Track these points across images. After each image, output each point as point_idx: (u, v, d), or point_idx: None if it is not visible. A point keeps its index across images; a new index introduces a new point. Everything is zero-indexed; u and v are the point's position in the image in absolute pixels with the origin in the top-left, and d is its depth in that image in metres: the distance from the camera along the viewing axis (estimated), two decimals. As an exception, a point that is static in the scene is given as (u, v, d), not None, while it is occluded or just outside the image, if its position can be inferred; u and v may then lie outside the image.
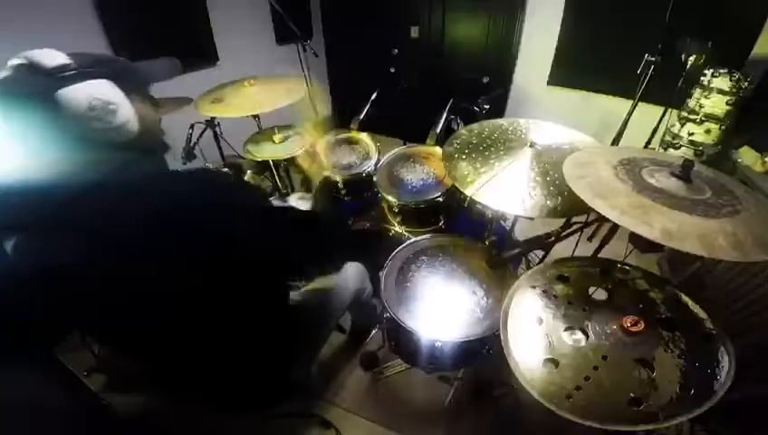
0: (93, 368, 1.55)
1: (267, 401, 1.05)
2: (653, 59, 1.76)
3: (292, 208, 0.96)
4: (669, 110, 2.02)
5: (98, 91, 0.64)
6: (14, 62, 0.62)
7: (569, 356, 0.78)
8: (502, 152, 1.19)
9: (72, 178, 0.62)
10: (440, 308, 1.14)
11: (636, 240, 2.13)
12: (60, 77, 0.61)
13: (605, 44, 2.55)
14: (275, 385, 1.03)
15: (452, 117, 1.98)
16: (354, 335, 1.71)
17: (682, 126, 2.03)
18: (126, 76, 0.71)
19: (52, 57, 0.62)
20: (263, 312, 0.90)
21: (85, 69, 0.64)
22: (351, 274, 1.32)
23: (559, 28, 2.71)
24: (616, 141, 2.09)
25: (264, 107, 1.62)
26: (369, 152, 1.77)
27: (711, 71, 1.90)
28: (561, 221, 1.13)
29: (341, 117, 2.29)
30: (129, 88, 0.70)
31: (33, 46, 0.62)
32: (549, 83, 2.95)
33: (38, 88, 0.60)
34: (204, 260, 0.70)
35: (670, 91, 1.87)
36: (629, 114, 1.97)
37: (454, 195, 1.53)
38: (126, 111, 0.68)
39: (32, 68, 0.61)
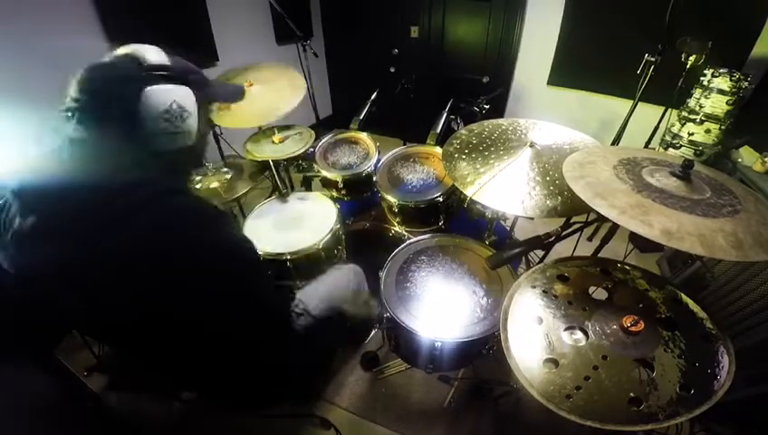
0: (93, 368, 1.55)
1: (267, 402, 1.05)
2: (653, 59, 1.76)
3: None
4: (669, 110, 2.02)
5: (179, 97, 0.68)
6: (122, 51, 0.68)
7: (569, 356, 0.78)
8: (502, 152, 1.19)
9: (106, 176, 0.62)
10: (440, 308, 1.14)
11: (636, 240, 2.14)
12: (156, 75, 0.66)
13: (605, 44, 2.55)
14: (275, 389, 1.02)
15: (452, 117, 1.99)
16: (354, 336, 1.71)
17: (682, 126, 2.03)
18: (202, 90, 0.75)
19: (157, 55, 0.68)
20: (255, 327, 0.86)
21: (177, 73, 0.69)
22: (347, 278, 1.30)
23: (559, 28, 2.71)
24: (616, 141, 2.10)
25: (269, 118, 1.60)
26: (369, 152, 1.77)
27: (711, 71, 1.90)
28: (561, 221, 1.12)
29: (341, 117, 2.29)
30: (201, 101, 0.74)
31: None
32: (549, 83, 2.95)
33: (134, 78, 0.64)
34: (187, 289, 0.67)
35: (670, 91, 1.88)
36: (629, 114, 1.98)
37: (454, 195, 1.53)
38: (193, 121, 0.72)
39: (135, 59, 0.66)
